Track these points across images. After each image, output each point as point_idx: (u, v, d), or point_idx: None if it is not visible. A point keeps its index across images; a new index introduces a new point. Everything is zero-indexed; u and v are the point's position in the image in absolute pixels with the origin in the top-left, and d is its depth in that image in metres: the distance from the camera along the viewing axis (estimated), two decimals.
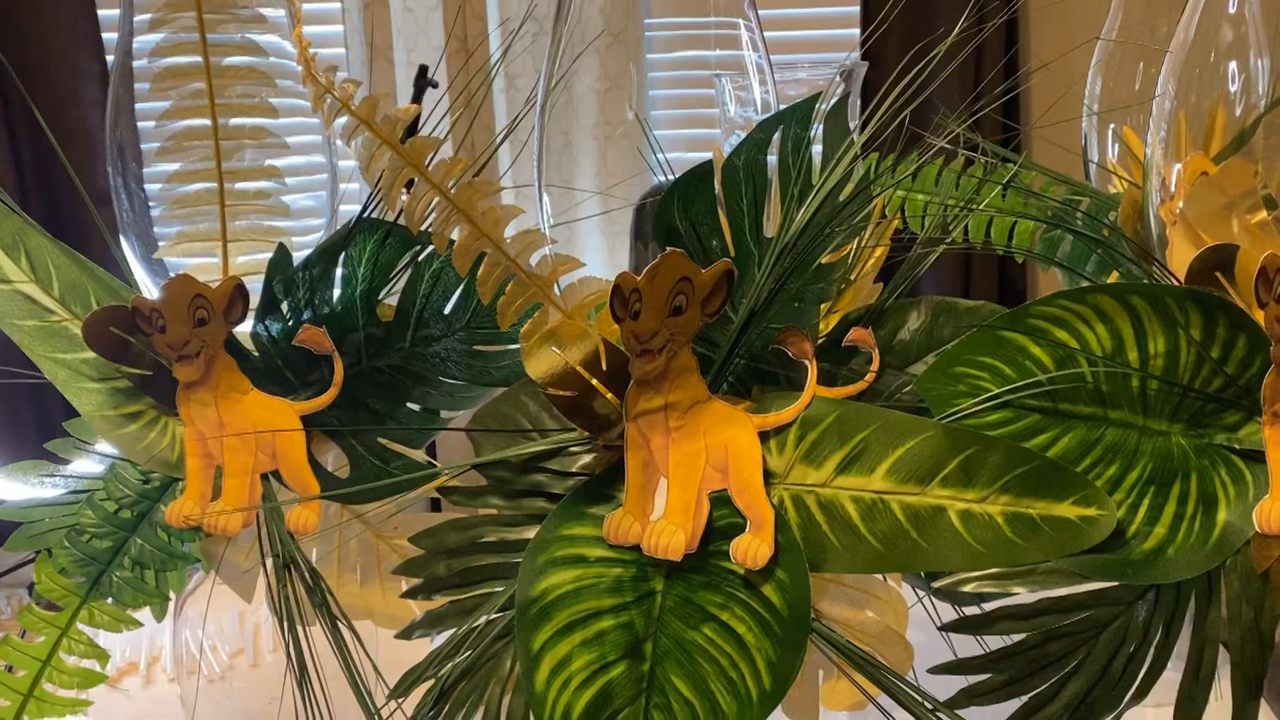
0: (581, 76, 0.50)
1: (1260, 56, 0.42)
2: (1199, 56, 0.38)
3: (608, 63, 0.50)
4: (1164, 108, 0.39)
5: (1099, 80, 0.60)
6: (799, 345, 0.38)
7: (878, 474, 0.37)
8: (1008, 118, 1.74)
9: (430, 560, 0.40)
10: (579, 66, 0.49)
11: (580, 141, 0.49)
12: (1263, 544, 0.36)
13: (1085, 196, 0.57)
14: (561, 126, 0.49)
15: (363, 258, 0.42)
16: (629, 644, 0.37)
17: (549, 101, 0.46)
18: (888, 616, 0.40)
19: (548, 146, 0.47)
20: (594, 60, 0.50)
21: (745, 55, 0.41)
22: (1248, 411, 0.36)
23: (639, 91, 0.49)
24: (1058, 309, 0.35)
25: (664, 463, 0.38)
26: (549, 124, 0.47)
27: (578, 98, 0.49)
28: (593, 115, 0.50)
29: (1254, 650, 0.36)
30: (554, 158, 0.47)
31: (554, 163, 0.47)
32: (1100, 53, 0.60)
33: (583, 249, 0.45)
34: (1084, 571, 0.36)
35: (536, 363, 0.33)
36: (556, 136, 0.49)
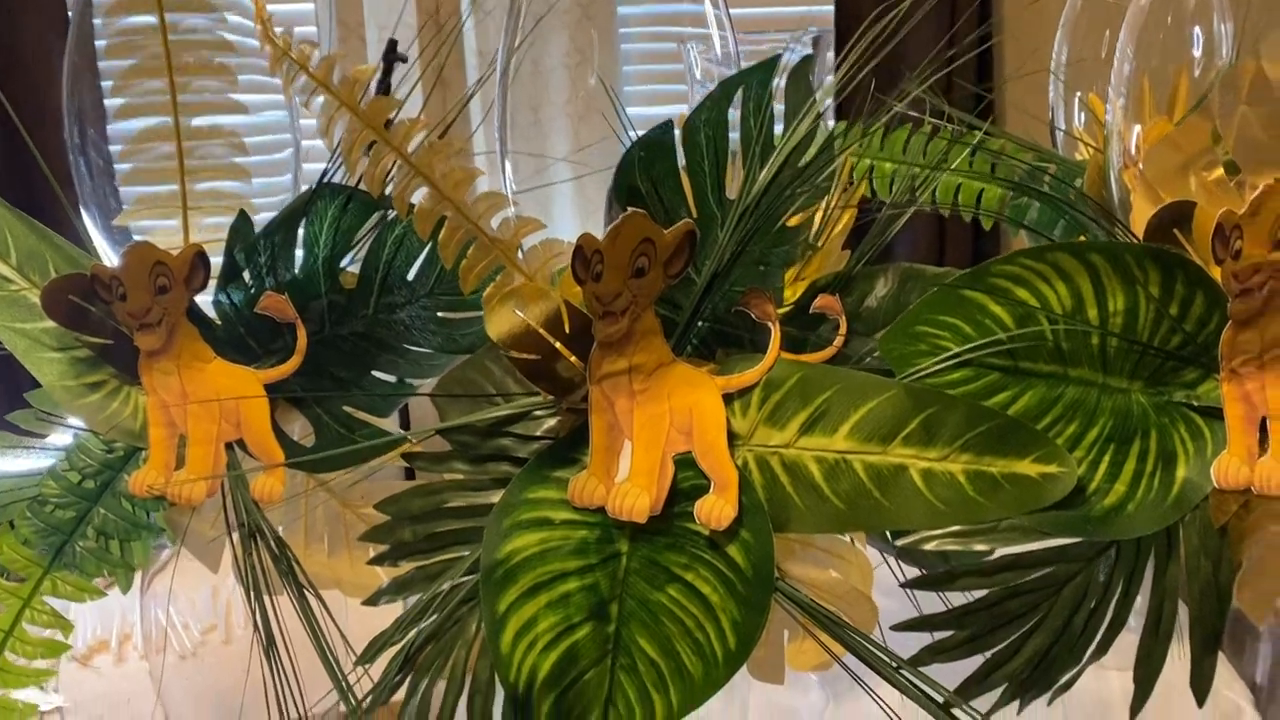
0: (550, 50, 0.50)
1: (1223, 21, 0.42)
2: (1158, 19, 0.38)
3: (577, 36, 0.49)
4: (1123, 72, 0.39)
5: (1065, 48, 0.60)
6: (762, 307, 0.38)
7: (840, 434, 0.37)
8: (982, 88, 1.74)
9: (396, 526, 0.40)
10: (548, 41, 0.49)
11: (552, 119, 0.49)
12: (1220, 499, 0.36)
13: (1052, 162, 0.58)
14: (530, 102, 0.49)
15: (324, 224, 0.42)
16: (594, 605, 0.37)
17: (510, 69, 0.45)
18: (853, 577, 0.41)
19: (513, 121, 0.47)
20: (563, 34, 0.49)
21: (710, 19, 0.41)
22: (1206, 368, 0.37)
23: (603, 58, 0.49)
24: (1018, 267, 0.36)
25: (628, 425, 0.38)
26: (514, 98, 0.46)
27: (546, 71, 0.49)
28: (564, 91, 0.50)
29: (1212, 604, 0.36)
30: (521, 132, 0.47)
31: (522, 137, 0.46)
32: (1066, 20, 0.60)
33: (555, 221, 0.45)
34: (1045, 528, 0.36)
35: (496, 322, 0.33)
36: (524, 112, 0.48)
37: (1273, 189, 0.33)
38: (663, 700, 0.36)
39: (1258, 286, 0.35)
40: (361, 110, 0.35)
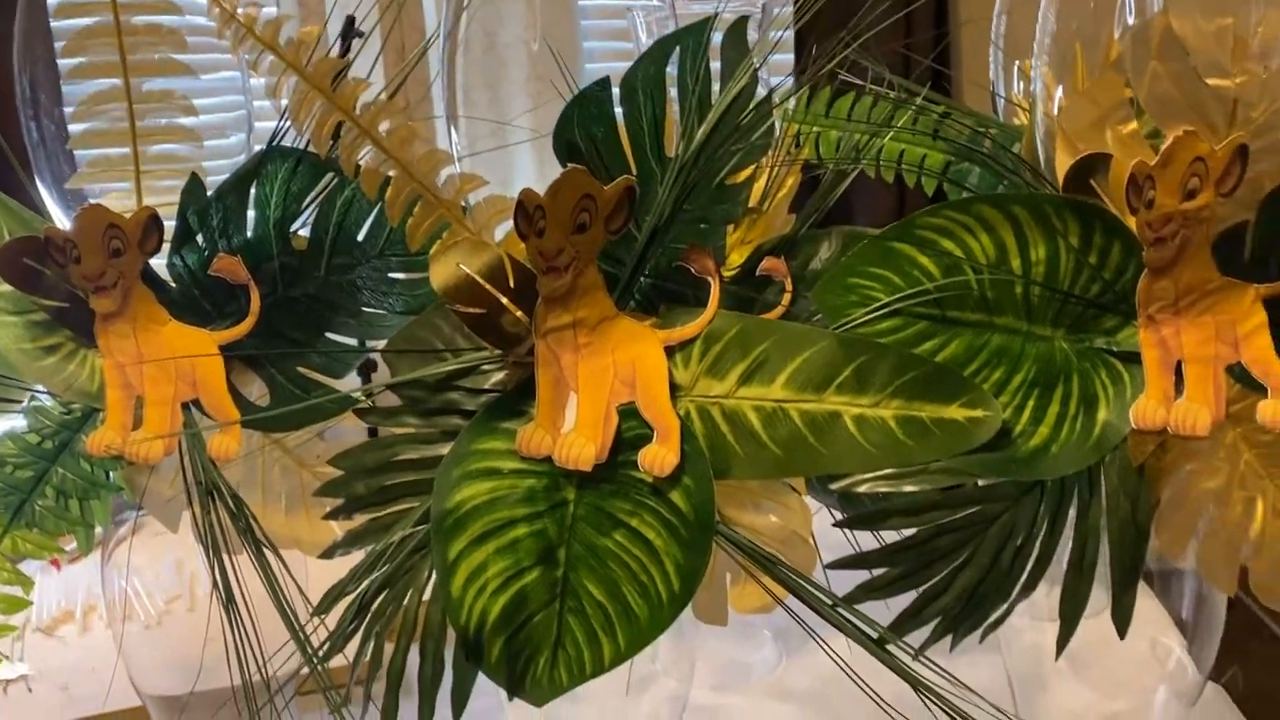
0: (508, 26, 0.50)
1: None
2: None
3: (533, 12, 0.50)
4: (1046, 36, 0.40)
5: (1004, 17, 0.61)
6: (702, 262, 0.40)
7: (777, 383, 0.38)
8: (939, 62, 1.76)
9: (349, 480, 0.41)
10: (505, 18, 0.50)
11: (511, 96, 0.50)
12: (1139, 440, 0.38)
13: (992, 128, 0.59)
14: (486, 80, 0.49)
15: (274, 186, 0.42)
16: (542, 551, 0.38)
17: (460, 39, 0.46)
18: (793, 521, 0.42)
19: (470, 99, 0.48)
20: (519, 9, 0.50)
21: None
22: (1125, 315, 0.38)
23: (561, 33, 0.50)
24: (943, 219, 0.37)
25: (573, 378, 0.39)
26: (470, 75, 0.47)
27: (502, 47, 0.50)
28: (523, 69, 0.50)
29: (1131, 541, 0.38)
30: (479, 110, 0.48)
31: (480, 113, 0.47)
32: None
33: (514, 188, 0.46)
34: (972, 470, 0.38)
35: (439, 273, 0.34)
36: (480, 90, 0.49)
37: (1182, 140, 0.35)
38: (610, 641, 0.38)
39: (1171, 235, 0.36)
40: (308, 72, 0.36)
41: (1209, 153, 0.35)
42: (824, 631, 0.38)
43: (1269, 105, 0.35)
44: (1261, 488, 0.38)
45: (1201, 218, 0.36)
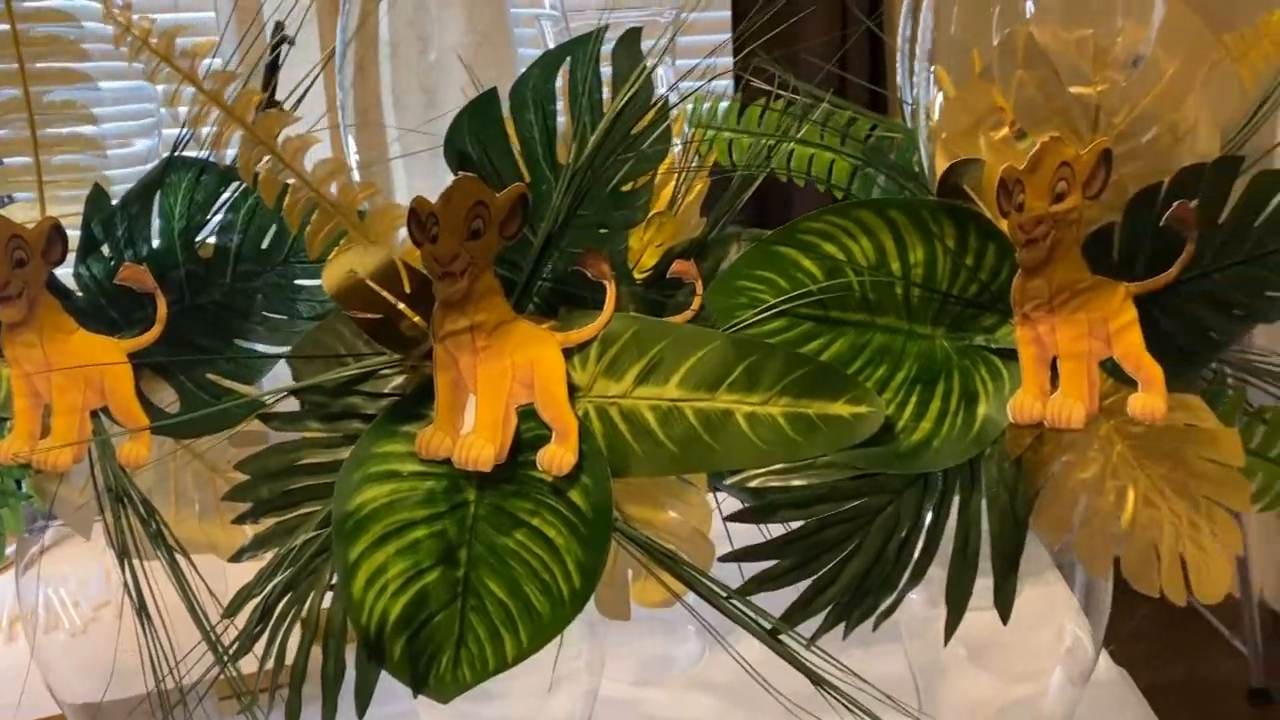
0: (447, 30, 0.51)
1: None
2: None
3: (475, 18, 0.51)
4: (925, 45, 0.42)
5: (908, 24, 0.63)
6: (598, 266, 0.41)
7: (672, 383, 0.40)
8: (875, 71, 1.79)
9: (255, 485, 0.42)
10: (443, 22, 0.50)
11: (450, 101, 0.50)
12: (1016, 433, 0.40)
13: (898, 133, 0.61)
14: (423, 83, 0.50)
15: (179, 195, 0.43)
16: (443, 551, 0.39)
17: (388, 48, 0.47)
18: (692, 517, 0.43)
19: (403, 103, 0.49)
20: (460, 14, 0.51)
21: None
22: (1002, 314, 0.40)
23: (497, 39, 0.50)
24: (824, 224, 0.38)
25: (472, 380, 0.40)
26: (403, 80, 0.48)
27: (442, 50, 0.50)
28: (462, 74, 0.51)
29: (1010, 530, 0.40)
30: (414, 115, 0.48)
31: (413, 122, 0.48)
32: None
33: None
34: (858, 464, 0.39)
35: (331, 277, 0.35)
36: (416, 94, 0.50)
37: (1049, 146, 0.37)
38: (512, 638, 0.39)
39: (1042, 237, 0.38)
40: (202, 83, 0.37)
41: (1075, 157, 0.37)
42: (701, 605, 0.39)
43: (1130, 111, 0.37)
44: (1133, 477, 0.40)
45: (1070, 220, 0.38)
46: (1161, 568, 0.39)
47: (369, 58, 0.48)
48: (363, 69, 0.48)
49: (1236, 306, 0.40)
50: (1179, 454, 0.40)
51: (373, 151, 0.48)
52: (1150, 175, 0.38)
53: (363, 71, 0.48)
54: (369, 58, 0.48)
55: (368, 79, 0.48)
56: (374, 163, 0.47)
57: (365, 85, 0.48)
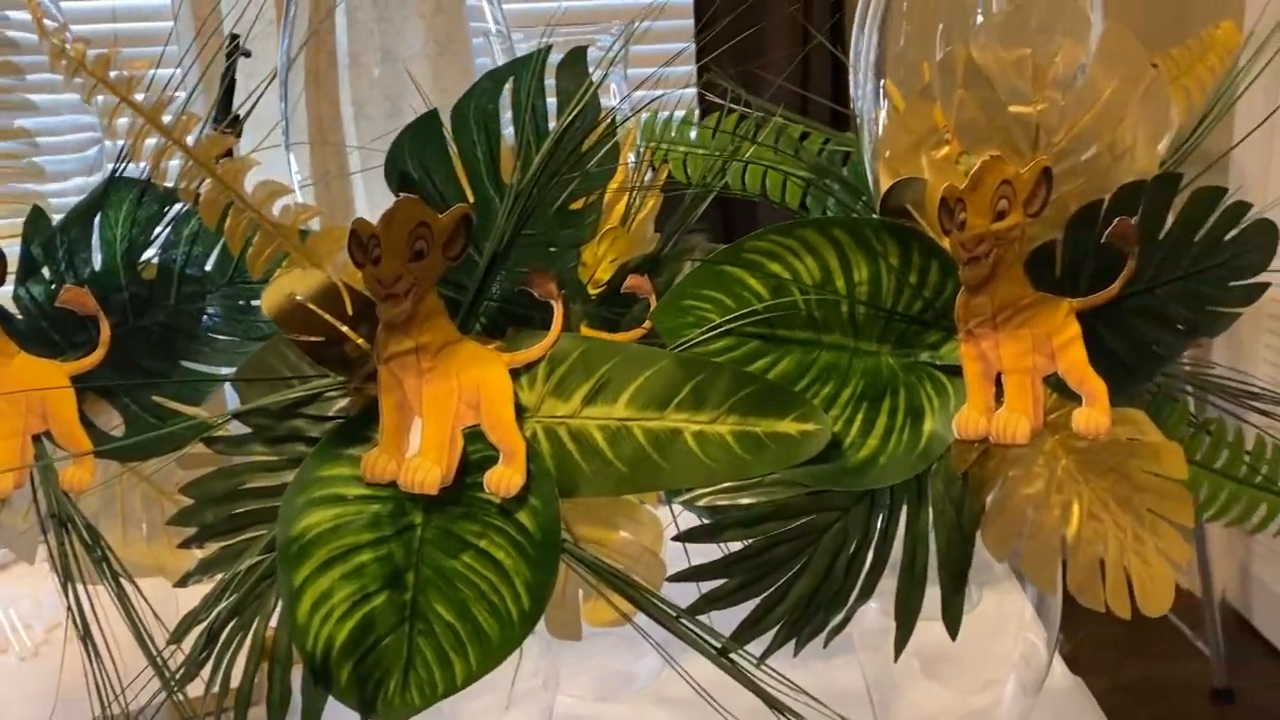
0: (408, 41, 0.51)
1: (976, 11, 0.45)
2: (897, 11, 0.42)
3: (435, 27, 0.51)
4: (867, 62, 0.42)
5: (859, 38, 0.63)
6: (544, 286, 0.41)
7: (620, 403, 0.39)
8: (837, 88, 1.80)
9: (199, 509, 0.41)
10: (402, 31, 0.50)
11: (416, 108, 0.50)
12: (962, 449, 0.40)
13: (852, 149, 0.61)
14: (386, 92, 0.50)
15: (120, 217, 0.42)
16: (389, 575, 0.39)
17: (345, 61, 0.47)
18: (644, 536, 0.43)
19: (367, 113, 0.48)
20: (419, 23, 0.50)
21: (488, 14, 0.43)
22: (947, 330, 0.40)
23: (457, 48, 0.50)
24: (769, 243, 0.38)
25: (418, 402, 0.39)
26: (365, 89, 0.47)
27: (405, 60, 0.50)
28: (426, 81, 0.51)
29: (957, 546, 0.40)
30: (378, 125, 0.48)
31: (378, 130, 0.47)
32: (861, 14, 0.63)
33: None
34: (806, 481, 0.39)
35: (269, 300, 0.35)
36: (380, 103, 0.49)
37: (989, 165, 0.37)
38: (461, 661, 0.38)
39: (984, 255, 0.38)
40: (141, 105, 0.37)
41: (1015, 176, 0.37)
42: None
43: (1069, 130, 0.38)
44: (1077, 491, 0.40)
45: (1012, 237, 0.38)
46: (1106, 581, 0.39)
47: (325, 68, 0.48)
48: (318, 80, 0.48)
49: (1178, 321, 0.41)
50: (1123, 468, 0.40)
51: (332, 164, 0.48)
52: (1091, 192, 0.38)
53: (318, 83, 0.48)
54: (325, 68, 0.48)
55: (324, 90, 0.48)
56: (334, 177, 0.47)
57: (322, 96, 0.48)
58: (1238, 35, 0.64)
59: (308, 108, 0.47)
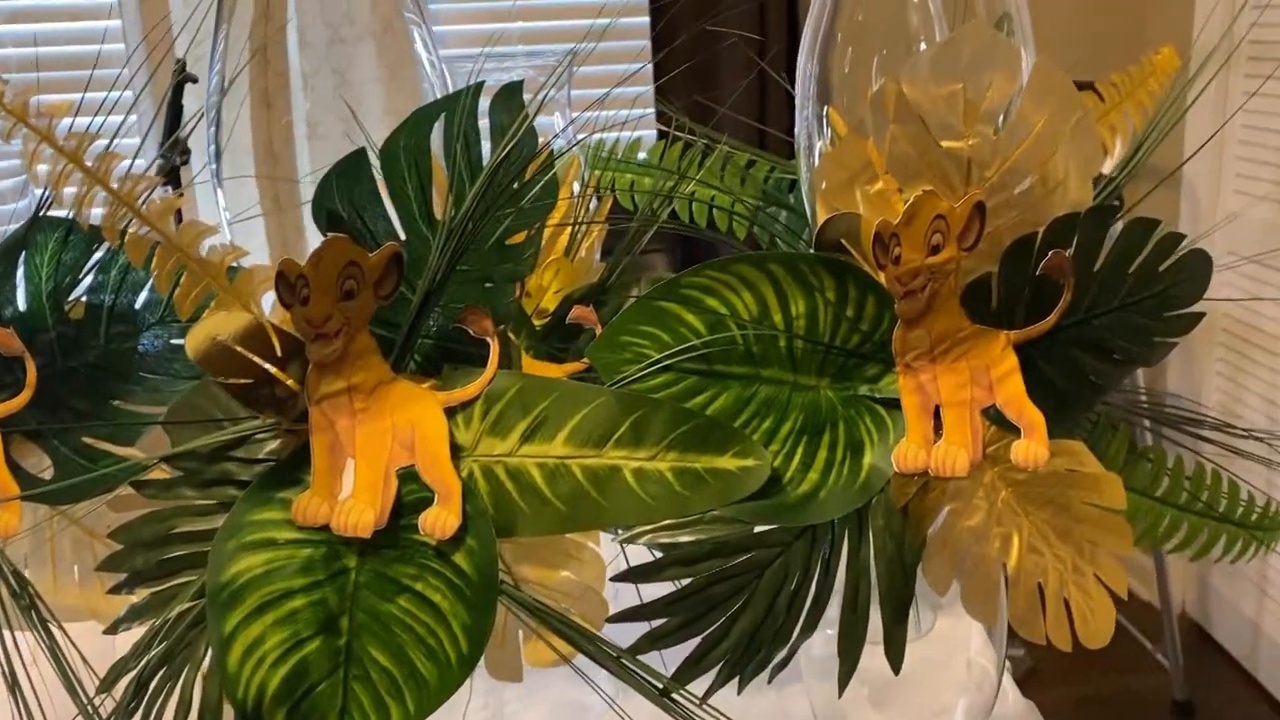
0: (359, 65, 0.50)
1: (921, 41, 0.46)
2: (831, 43, 0.42)
3: (385, 47, 0.50)
4: (807, 90, 0.42)
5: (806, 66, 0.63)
6: (479, 323, 0.40)
7: (559, 440, 0.39)
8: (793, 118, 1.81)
9: (129, 554, 0.40)
10: (354, 57, 0.50)
11: (372, 129, 0.49)
12: (901, 482, 0.40)
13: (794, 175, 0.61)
14: (340, 113, 0.49)
15: (45, 256, 0.41)
16: (323, 620, 0.38)
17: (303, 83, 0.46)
18: (586, 575, 0.43)
19: (321, 134, 0.48)
20: (370, 47, 0.50)
21: (419, 43, 0.43)
22: (885, 364, 0.40)
23: (407, 74, 0.49)
24: (706, 279, 0.38)
25: (350, 443, 0.39)
26: (319, 111, 0.47)
27: (357, 84, 0.50)
28: (379, 103, 0.50)
29: (898, 578, 0.40)
30: (333, 145, 0.47)
31: (332, 150, 0.47)
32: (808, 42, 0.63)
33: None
34: (746, 517, 0.39)
35: (193, 344, 0.34)
36: (333, 123, 0.49)
37: (922, 199, 0.37)
38: (398, 705, 0.38)
39: (919, 288, 0.38)
40: (61, 144, 0.36)
41: (949, 210, 0.37)
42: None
43: (1001, 165, 0.38)
44: (1017, 524, 0.40)
45: (947, 271, 0.38)
46: (1046, 613, 0.39)
47: (276, 90, 0.47)
48: (269, 102, 0.47)
49: (1115, 351, 0.41)
50: (1062, 499, 0.40)
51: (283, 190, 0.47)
52: (1025, 226, 0.38)
53: (269, 105, 0.47)
54: (276, 90, 0.47)
55: (275, 112, 0.47)
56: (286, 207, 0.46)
57: (272, 119, 0.47)
58: (1176, 60, 0.65)
59: (254, 131, 0.47)
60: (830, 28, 0.46)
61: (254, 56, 0.46)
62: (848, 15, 0.47)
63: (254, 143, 0.47)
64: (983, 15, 0.46)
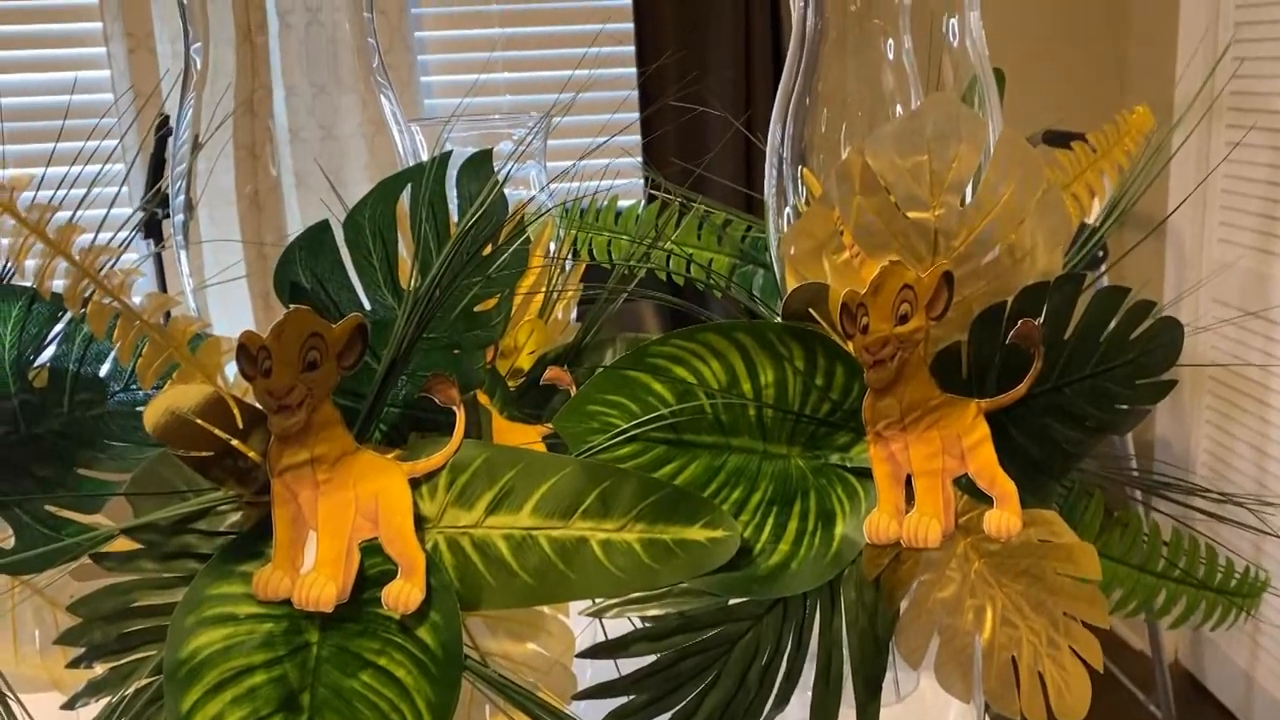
0: (346, 117, 0.50)
1: (915, 102, 0.46)
2: (805, 105, 0.42)
3: (367, 106, 0.50)
4: (778, 152, 0.42)
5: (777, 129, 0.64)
6: (445, 392, 0.40)
7: (525, 511, 0.38)
8: None
9: (88, 628, 0.39)
10: (339, 108, 0.50)
11: (354, 181, 0.49)
12: (873, 553, 0.39)
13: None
14: (330, 165, 0.49)
15: (8, 325, 0.41)
16: (284, 697, 0.37)
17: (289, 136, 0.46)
18: (553, 648, 0.42)
19: (307, 183, 0.48)
20: (354, 98, 0.50)
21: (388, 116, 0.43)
22: (856, 432, 0.40)
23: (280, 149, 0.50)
24: (673, 348, 0.38)
25: (313, 515, 0.38)
26: (304, 162, 0.47)
27: (344, 138, 0.50)
28: (362, 155, 0.50)
29: (871, 652, 0.39)
30: (318, 194, 0.47)
31: (318, 204, 0.47)
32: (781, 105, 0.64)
33: None
34: (716, 590, 0.39)
35: (151, 418, 0.34)
36: (317, 176, 0.49)
37: (889, 270, 0.37)
38: None
39: (888, 358, 0.38)
40: (21, 215, 0.35)
41: (916, 280, 0.37)
42: None
43: (968, 235, 0.38)
44: (991, 595, 0.39)
45: (916, 340, 0.38)
46: (1021, 687, 0.39)
47: (261, 143, 0.47)
48: (254, 154, 0.47)
49: (1087, 419, 0.41)
50: (1036, 570, 0.39)
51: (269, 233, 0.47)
52: (993, 295, 0.38)
53: (254, 156, 0.47)
54: (261, 143, 0.47)
55: (262, 164, 0.47)
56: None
57: (260, 169, 0.47)
58: (1151, 119, 0.65)
59: (238, 184, 0.47)
60: (804, 89, 0.47)
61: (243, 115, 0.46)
62: (822, 76, 0.48)
63: (236, 196, 0.47)
64: (952, 80, 0.46)
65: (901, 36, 0.46)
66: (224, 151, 0.46)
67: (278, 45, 0.46)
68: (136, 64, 1.71)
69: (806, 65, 0.47)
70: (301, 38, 0.48)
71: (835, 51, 0.46)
